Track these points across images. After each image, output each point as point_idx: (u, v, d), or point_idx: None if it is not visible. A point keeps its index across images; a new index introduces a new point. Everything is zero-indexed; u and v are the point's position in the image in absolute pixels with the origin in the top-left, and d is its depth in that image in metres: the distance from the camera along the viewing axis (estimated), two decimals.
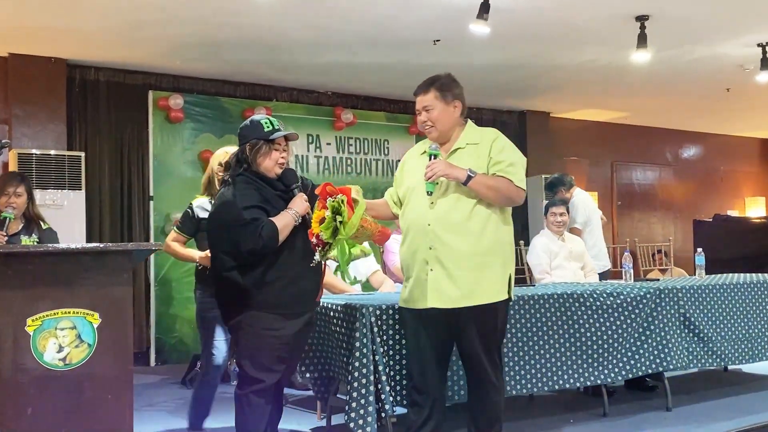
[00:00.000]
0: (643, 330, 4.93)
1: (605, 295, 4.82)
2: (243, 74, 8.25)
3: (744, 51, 7.60)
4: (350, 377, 3.86)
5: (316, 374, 4.46)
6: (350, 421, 3.80)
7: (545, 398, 5.55)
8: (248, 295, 3.44)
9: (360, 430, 3.77)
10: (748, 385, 5.93)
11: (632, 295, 4.91)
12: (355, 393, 3.81)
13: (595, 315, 4.76)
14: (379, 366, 3.86)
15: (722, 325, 5.34)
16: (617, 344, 4.82)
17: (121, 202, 7.79)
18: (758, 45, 7.38)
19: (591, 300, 4.76)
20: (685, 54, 7.72)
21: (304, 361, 4.41)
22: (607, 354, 4.78)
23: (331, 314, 4.22)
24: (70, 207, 7.05)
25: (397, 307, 3.89)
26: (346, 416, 3.82)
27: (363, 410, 3.79)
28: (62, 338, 3.01)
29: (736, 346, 5.39)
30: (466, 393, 3.90)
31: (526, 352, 4.49)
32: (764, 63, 7.45)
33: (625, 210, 11.80)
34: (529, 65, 8.07)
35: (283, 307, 3.48)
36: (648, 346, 4.92)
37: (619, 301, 4.86)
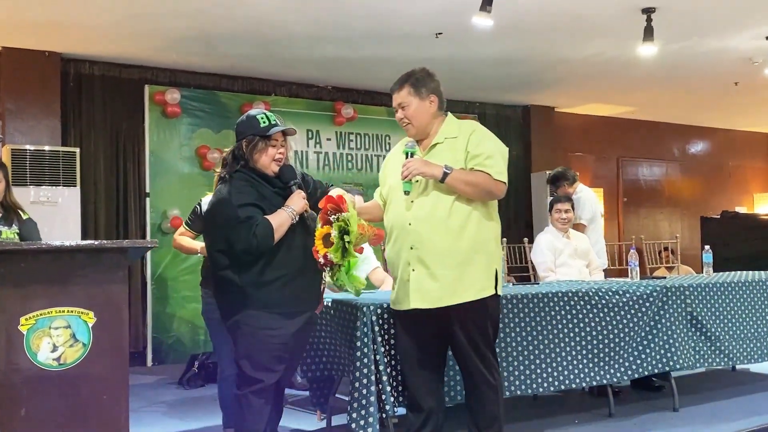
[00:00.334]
0: (650, 329, 4.93)
1: (611, 294, 4.82)
2: (241, 68, 8.23)
3: (753, 44, 7.59)
4: (351, 377, 3.86)
5: (318, 373, 4.45)
6: (352, 422, 3.80)
7: (549, 398, 5.54)
8: (245, 295, 3.43)
9: (361, 431, 3.77)
10: (757, 385, 5.92)
11: (638, 294, 4.90)
12: (357, 393, 3.82)
13: (601, 313, 4.76)
14: (380, 366, 3.86)
15: (730, 324, 5.33)
16: (623, 343, 4.81)
17: (117, 199, 7.79)
18: (767, 38, 7.37)
19: (596, 298, 4.75)
20: (693, 47, 7.71)
21: (305, 360, 4.40)
22: (613, 353, 4.77)
23: (332, 313, 4.21)
24: (65, 204, 7.04)
25: (379, 311, 3.89)
26: (348, 417, 3.82)
27: (364, 411, 3.79)
28: (56, 338, 3.01)
29: (745, 346, 5.39)
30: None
31: (531, 352, 4.48)
32: None
33: (631, 207, 11.80)
34: (533, 59, 8.06)
35: (281, 306, 3.47)
36: (654, 345, 4.92)
37: (625, 300, 4.85)
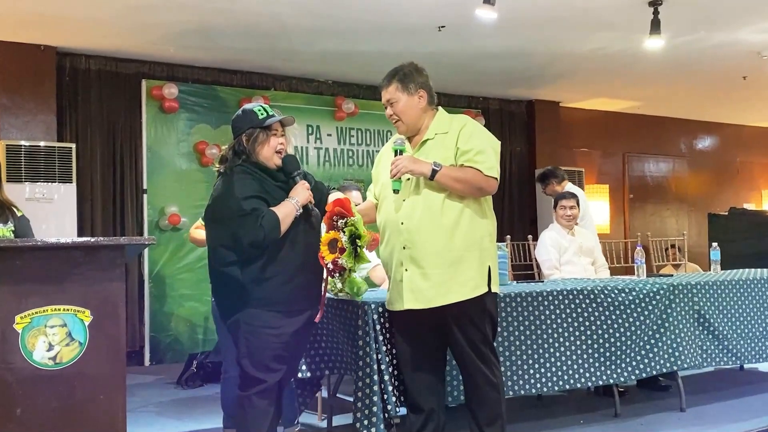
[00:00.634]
0: (657, 328, 4.92)
1: (617, 292, 4.81)
2: (240, 62, 8.23)
3: (761, 37, 7.58)
4: (355, 377, 3.87)
5: (318, 372, 4.44)
6: (356, 422, 3.81)
7: (554, 398, 5.54)
8: (246, 292, 3.42)
9: (365, 431, 3.77)
10: (765, 385, 5.92)
11: (645, 292, 4.90)
12: (360, 393, 3.82)
13: (607, 312, 4.75)
14: (382, 365, 3.86)
15: (738, 323, 5.33)
16: (629, 342, 4.81)
17: (114, 196, 7.79)
18: None
19: (602, 296, 4.75)
20: (701, 40, 7.69)
21: (305, 359, 4.40)
22: (619, 352, 4.77)
23: (333, 312, 4.21)
24: (61, 201, 7.04)
25: (380, 310, 3.89)
26: (353, 417, 3.83)
27: (368, 411, 3.79)
28: (52, 336, 3.01)
29: (753, 344, 5.39)
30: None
31: (535, 351, 4.48)
32: None
33: (638, 203, 11.79)
34: (538, 52, 8.05)
35: (282, 304, 3.45)
36: (661, 345, 4.91)
37: (631, 298, 4.85)
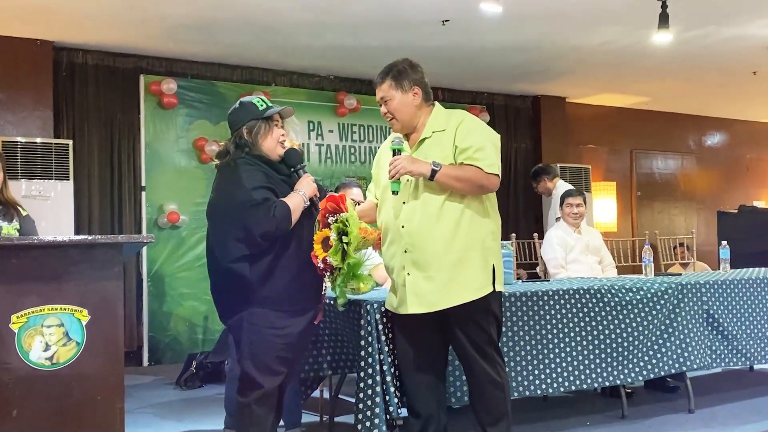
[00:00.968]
0: (665, 328, 4.92)
1: (624, 291, 4.81)
2: (240, 57, 8.24)
3: None
4: (357, 378, 3.87)
5: (321, 373, 4.44)
6: (358, 423, 3.81)
7: (560, 399, 5.54)
8: (251, 291, 3.37)
9: None
10: None
11: (653, 291, 4.89)
12: (362, 394, 3.82)
13: (614, 312, 4.75)
14: (384, 366, 3.86)
15: (747, 323, 5.32)
16: (637, 342, 4.81)
17: (111, 193, 7.80)
18: None
19: (609, 296, 4.75)
20: (710, 35, 7.68)
21: (308, 360, 4.40)
22: (626, 353, 4.77)
23: (335, 311, 4.21)
24: (58, 198, 7.04)
25: (383, 309, 3.88)
26: (354, 418, 3.84)
27: (370, 412, 3.79)
28: (49, 336, 3.01)
29: (763, 345, 5.38)
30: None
31: (540, 351, 4.48)
32: None
33: (645, 201, 11.78)
34: (544, 47, 8.04)
35: (288, 304, 3.41)
36: (669, 345, 4.91)
37: (639, 297, 4.84)
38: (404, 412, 3.97)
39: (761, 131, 13.04)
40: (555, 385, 4.53)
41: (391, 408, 3.83)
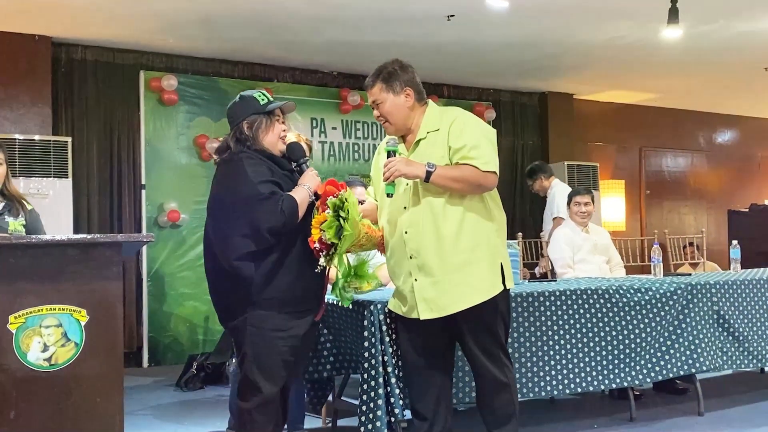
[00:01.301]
0: (674, 329, 4.92)
1: (632, 291, 4.81)
2: (241, 53, 8.24)
3: None
4: (360, 379, 3.87)
5: (326, 374, 4.45)
6: (360, 426, 3.82)
7: (567, 402, 5.54)
8: (255, 292, 3.32)
9: None
10: None
11: (662, 291, 4.89)
12: (365, 396, 3.83)
13: (622, 312, 4.75)
14: (388, 367, 3.86)
15: (759, 324, 5.31)
16: (645, 344, 4.80)
17: (111, 191, 7.81)
18: None
19: (617, 296, 4.74)
20: (720, 30, 7.67)
21: (311, 361, 4.40)
22: (635, 354, 4.76)
23: (339, 311, 4.21)
24: (56, 196, 7.05)
25: (387, 310, 3.88)
26: (358, 420, 3.84)
27: (372, 414, 3.79)
28: (47, 337, 3.01)
29: None
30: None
31: (547, 353, 4.48)
32: None
33: (655, 199, 11.76)
34: (551, 43, 8.03)
35: (292, 305, 3.37)
36: (679, 346, 4.91)
37: (648, 298, 4.84)
38: (409, 414, 3.98)
39: None
40: (562, 387, 4.53)
41: (397, 410, 3.84)
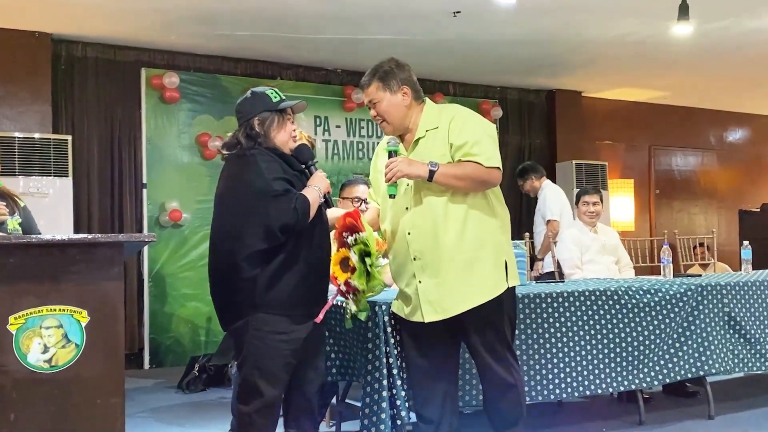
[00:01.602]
0: (683, 330, 4.91)
1: (642, 293, 4.80)
2: (244, 50, 8.24)
3: None
4: (363, 382, 3.87)
5: (330, 377, 4.45)
6: (363, 429, 3.82)
7: (575, 405, 5.54)
8: (259, 293, 3.32)
9: None
10: None
11: (671, 293, 4.88)
12: (368, 399, 3.82)
13: (631, 314, 4.74)
14: (393, 369, 3.86)
15: None
16: (654, 346, 4.80)
17: (112, 190, 7.81)
18: None
19: (626, 297, 4.74)
20: (732, 26, 7.66)
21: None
22: (644, 357, 4.76)
23: (342, 313, 4.21)
24: (56, 195, 7.06)
25: (392, 311, 3.88)
26: (360, 423, 3.84)
27: (376, 417, 3.79)
28: (47, 338, 3.02)
29: None
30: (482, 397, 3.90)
31: (555, 355, 4.48)
32: None
33: (664, 199, 11.75)
34: (559, 39, 8.02)
35: (295, 308, 3.38)
36: (688, 348, 4.90)
37: (657, 299, 4.83)
38: (414, 418, 3.98)
39: None
40: (570, 390, 4.52)
41: (403, 413, 3.84)
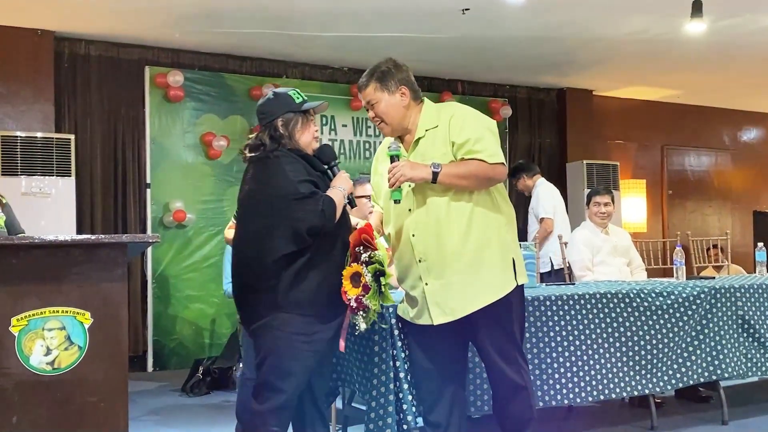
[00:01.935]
0: (696, 334, 4.90)
1: (654, 295, 4.79)
2: (249, 48, 8.25)
3: None
4: (369, 385, 3.86)
5: (335, 375, 4.45)
6: None
7: (586, 410, 5.52)
8: (281, 294, 3.34)
9: None
10: None
11: (684, 295, 4.87)
12: (374, 403, 3.82)
13: (643, 317, 4.73)
14: (400, 373, 3.85)
15: None
16: (667, 350, 4.79)
17: (115, 190, 7.83)
18: None
19: (638, 300, 4.73)
20: (746, 24, 7.64)
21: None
22: (656, 360, 4.75)
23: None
24: (59, 195, 7.08)
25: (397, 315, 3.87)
26: (365, 428, 3.83)
27: (382, 422, 3.79)
28: (50, 340, 3.03)
29: None
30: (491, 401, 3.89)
31: (566, 359, 4.47)
32: None
33: (677, 200, 11.72)
34: (570, 37, 8.01)
35: (318, 308, 3.39)
36: (701, 352, 4.89)
37: (670, 302, 4.82)
38: (421, 422, 3.98)
39: None
40: (581, 395, 4.51)
41: (410, 417, 3.83)
